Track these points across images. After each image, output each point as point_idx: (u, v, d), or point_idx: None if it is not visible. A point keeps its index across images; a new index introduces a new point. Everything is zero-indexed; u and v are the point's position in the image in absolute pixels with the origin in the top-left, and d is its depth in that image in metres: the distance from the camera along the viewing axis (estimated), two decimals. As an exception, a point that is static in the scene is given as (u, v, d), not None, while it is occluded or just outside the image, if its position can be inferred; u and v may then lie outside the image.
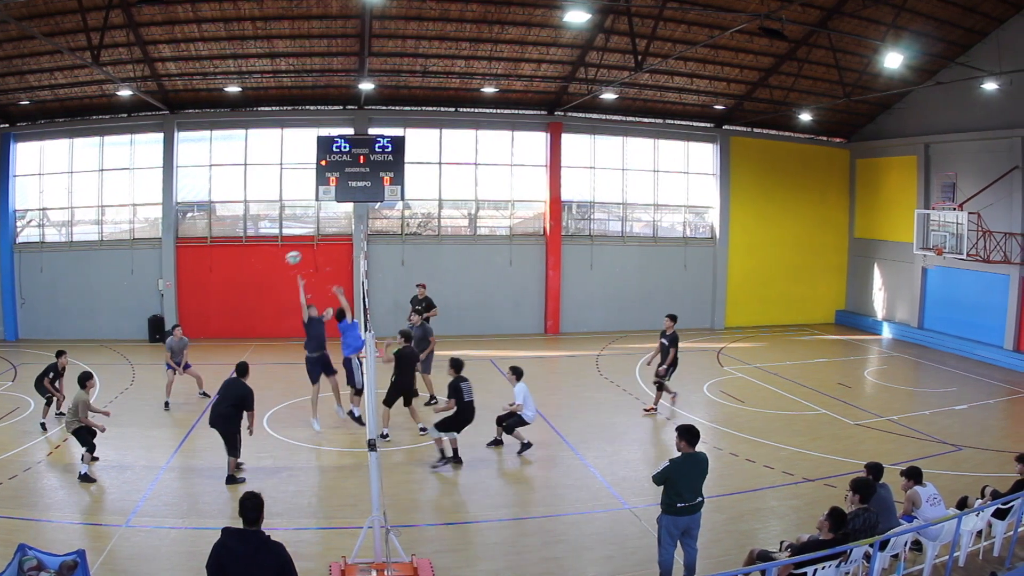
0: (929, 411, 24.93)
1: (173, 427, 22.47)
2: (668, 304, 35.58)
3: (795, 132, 40.46)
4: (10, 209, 35.30)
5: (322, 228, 36.98)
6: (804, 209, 41.20)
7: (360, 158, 32.97)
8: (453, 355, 20.66)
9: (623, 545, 15.10)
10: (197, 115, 35.56)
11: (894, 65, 27.68)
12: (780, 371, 30.27)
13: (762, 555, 12.50)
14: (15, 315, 35.24)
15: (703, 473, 12.88)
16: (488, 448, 20.71)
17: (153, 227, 36.11)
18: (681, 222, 40.69)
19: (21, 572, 11.22)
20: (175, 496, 17.64)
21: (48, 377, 21.95)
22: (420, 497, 17.89)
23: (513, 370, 20.82)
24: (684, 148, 40.06)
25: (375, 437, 12.94)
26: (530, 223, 38.91)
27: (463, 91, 35.51)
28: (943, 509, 13.68)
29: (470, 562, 14.39)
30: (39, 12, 26.51)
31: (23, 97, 33.02)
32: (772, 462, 19.82)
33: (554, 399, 26.00)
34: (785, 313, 41.24)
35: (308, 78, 33.50)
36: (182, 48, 30.43)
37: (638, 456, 19.99)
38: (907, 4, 28.01)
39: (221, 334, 34.73)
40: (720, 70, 34.32)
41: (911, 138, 37.08)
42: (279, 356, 24.92)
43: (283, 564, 9.12)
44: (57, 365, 22.22)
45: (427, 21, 29.97)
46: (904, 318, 38.43)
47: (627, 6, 27.23)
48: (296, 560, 9.33)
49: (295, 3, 28.17)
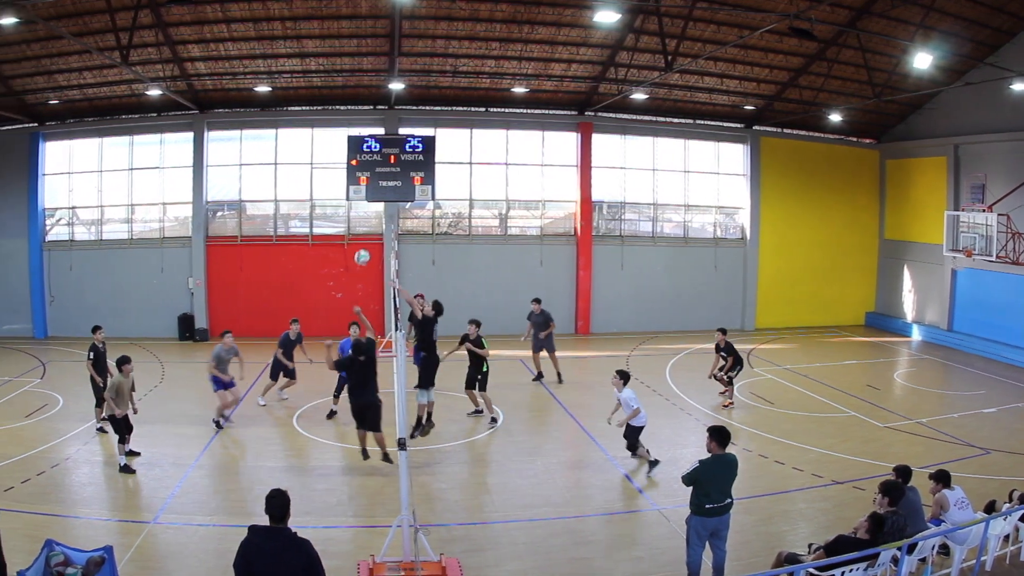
0: (958, 414, 24.73)
1: (202, 425, 22.48)
2: (698, 305, 35.63)
3: (825, 133, 40.29)
4: (39, 207, 35.60)
5: (353, 227, 37.11)
6: (834, 210, 40.94)
7: (391, 158, 32.97)
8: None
9: (652, 546, 15.09)
10: (227, 115, 35.76)
11: (923, 65, 27.44)
12: (810, 373, 30.12)
13: (790, 557, 12.46)
14: (44, 313, 35.62)
15: (732, 474, 12.83)
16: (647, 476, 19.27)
17: (183, 226, 36.35)
18: (711, 223, 40.54)
19: (48, 568, 11.26)
20: (203, 493, 17.74)
21: (89, 359, 21.73)
22: (449, 496, 17.88)
23: (620, 374, 19.70)
24: (714, 148, 39.92)
25: (405, 436, 12.93)
26: (560, 223, 38.85)
27: (493, 91, 35.51)
28: (971, 513, 13.58)
29: (498, 562, 14.38)
30: (67, 12, 26.68)
31: (52, 97, 33.26)
32: (801, 464, 19.72)
33: (584, 399, 25.99)
34: (815, 314, 41.00)
35: (338, 78, 33.57)
36: (211, 48, 30.58)
37: (668, 457, 19.91)
38: (935, 4, 27.83)
39: (250, 333, 34.71)
40: (750, 70, 34.17)
41: (940, 139, 36.78)
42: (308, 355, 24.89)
43: (310, 561, 9.12)
44: (95, 343, 22.01)
45: (457, 21, 30.00)
46: (933, 320, 38.14)
47: (657, 6, 27.16)
48: (324, 558, 9.35)
49: (324, 3, 28.26)
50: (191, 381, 25.33)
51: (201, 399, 24.43)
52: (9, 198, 35.25)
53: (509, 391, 26.48)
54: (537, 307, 28.31)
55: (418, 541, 12.81)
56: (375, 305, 35.89)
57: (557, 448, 21.49)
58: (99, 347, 21.77)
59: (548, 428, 23.73)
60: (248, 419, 23.16)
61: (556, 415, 24.75)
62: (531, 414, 24.99)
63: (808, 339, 37.87)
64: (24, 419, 22.77)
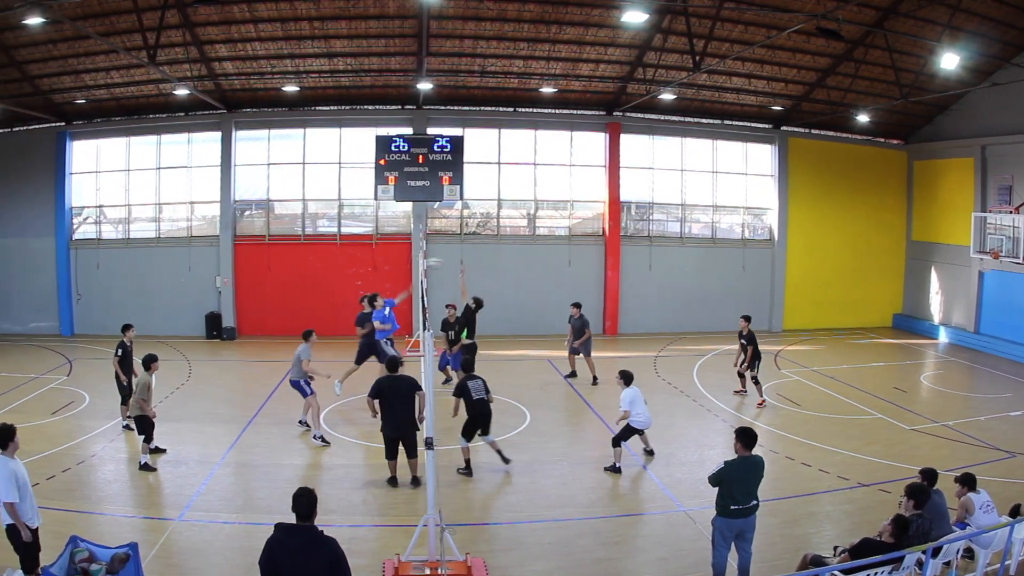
0: (984, 417, 24.54)
1: (229, 423, 22.63)
2: (726, 306, 35.53)
3: (853, 133, 40.13)
4: (66, 206, 35.88)
5: (381, 227, 37.17)
6: (861, 211, 40.72)
7: (419, 157, 33.06)
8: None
9: (677, 547, 15.06)
10: (255, 114, 35.93)
11: (950, 66, 27.28)
12: (837, 374, 30.00)
13: (815, 560, 12.45)
14: (71, 310, 35.93)
15: (758, 476, 12.82)
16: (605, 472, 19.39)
17: (211, 225, 36.54)
18: (739, 224, 40.44)
19: (72, 564, 11.35)
20: (229, 491, 17.86)
21: (116, 356, 21.73)
22: (475, 496, 17.94)
23: (622, 374, 19.69)
24: (743, 149, 39.79)
25: (433, 435, 12.95)
26: (589, 223, 38.80)
27: (521, 91, 35.55)
28: (996, 516, 13.52)
29: (524, 562, 14.38)
30: (94, 12, 26.84)
31: (79, 96, 33.50)
32: (827, 466, 19.65)
33: (612, 401, 25.84)
34: (842, 316, 40.81)
35: (366, 78, 33.65)
36: (239, 48, 30.70)
37: (694, 458, 19.89)
38: (962, 4, 27.60)
39: (278, 332, 34.96)
40: (778, 71, 34.04)
41: (968, 140, 36.50)
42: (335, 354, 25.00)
43: (336, 559, 9.16)
44: (124, 341, 21.97)
45: (485, 21, 30.02)
46: (960, 322, 37.86)
47: (684, 6, 27.12)
48: (350, 557, 9.39)
49: (352, 3, 28.32)
50: (218, 379, 25.49)
51: (227, 397, 24.62)
52: (36, 197, 35.54)
53: (537, 391, 26.51)
54: (576, 311, 28.25)
55: (444, 540, 12.83)
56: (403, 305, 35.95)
57: (584, 448, 21.48)
58: (127, 345, 21.83)
59: (576, 429, 23.82)
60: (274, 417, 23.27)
61: (584, 416, 24.80)
62: (559, 414, 25.06)
63: (835, 341, 37.70)
64: (50, 416, 22.94)
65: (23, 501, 11.90)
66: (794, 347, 35.71)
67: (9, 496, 11.71)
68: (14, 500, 11.75)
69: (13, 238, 35.64)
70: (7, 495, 11.70)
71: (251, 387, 25.67)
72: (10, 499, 11.72)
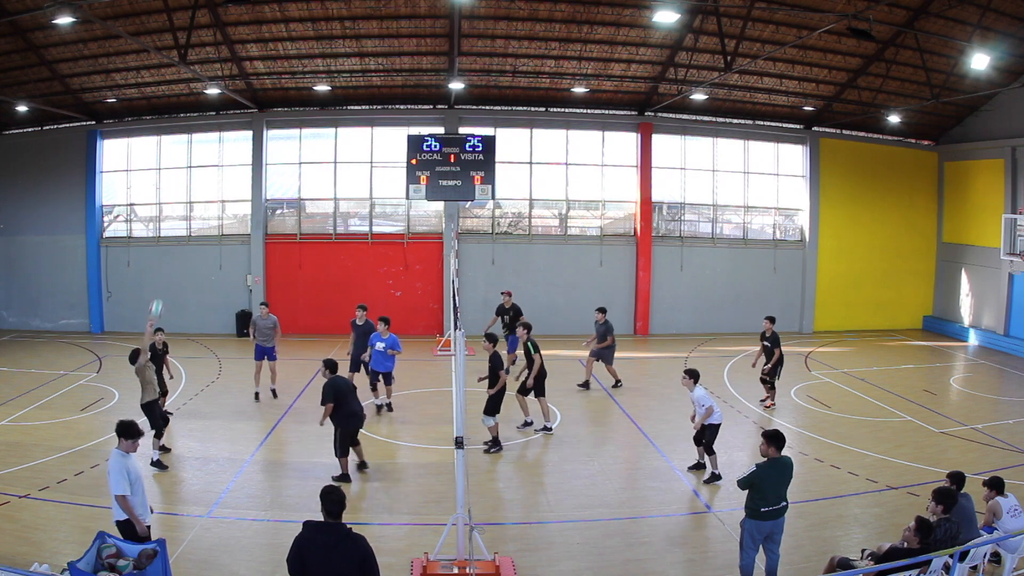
0: (1013, 420, 24.34)
1: (259, 420, 22.83)
2: (757, 307, 35.35)
3: (883, 134, 39.93)
4: (97, 204, 36.21)
5: (412, 226, 37.22)
6: (892, 212, 40.49)
7: (451, 157, 33.24)
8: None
9: (706, 549, 15.09)
10: (286, 113, 36.13)
11: (981, 66, 27.12)
12: (867, 376, 29.87)
13: (843, 563, 12.44)
14: (101, 308, 36.32)
15: (788, 478, 12.84)
16: (689, 471, 19.41)
17: (242, 223, 36.71)
18: (771, 224, 40.34)
19: (99, 560, 11.43)
20: (258, 489, 17.95)
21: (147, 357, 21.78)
22: (504, 495, 18.02)
23: (689, 373, 18.98)
24: (774, 149, 39.65)
25: (462, 434, 12.98)
26: (620, 224, 38.78)
27: (553, 91, 35.59)
28: (1023, 521, 13.47)
29: (552, 562, 14.39)
30: (124, 12, 27.13)
31: (109, 95, 33.81)
32: (856, 469, 19.56)
33: (642, 401, 25.97)
34: (873, 318, 40.63)
35: (398, 77, 33.78)
36: (270, 47, 30.90)
37: (723, 460, 19.81)
38: (992, 4, 27.40)
39: (309, 330, 35.10)
40: (809, 71, 33.93)
41: (998, 141, 36.19)
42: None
43: (364, 557, 9.19)
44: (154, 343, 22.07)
45: (516, 21, 30.08)
46: (990, 325, 37.55)
47: (716, 6, 27.05)
48: (378, 555, 9.42)
49: (383, 3, 28.41)
50: (248, 377, 25.52)
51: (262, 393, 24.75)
52: (67, 195, 35.93)
53: (568, 392, 26.49)
54: (600, 317, 27.86)
55: (473, 539, 12.87)
56: (434, 304, 36.05)
57: (614, 449, 21.52)
58: (157, 348, 21.89)
59: (606, 429, 23.71)
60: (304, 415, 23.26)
61: (614, 416, 24.74)
62: (589, 415, 25.03)
63: (866, 343, 37.48)
64: (79, 412, 23.20)
65: (135, 495, 12.27)
66: (825, 348, 35.57)
67: (120, 489, 12.10)
68: (125, 493, 12.12)
69: (44, 235, 36.03)
70: (118, 487, 12.10)
71: (281, 385, 25.73)
72: (121, 492, 12.11)
